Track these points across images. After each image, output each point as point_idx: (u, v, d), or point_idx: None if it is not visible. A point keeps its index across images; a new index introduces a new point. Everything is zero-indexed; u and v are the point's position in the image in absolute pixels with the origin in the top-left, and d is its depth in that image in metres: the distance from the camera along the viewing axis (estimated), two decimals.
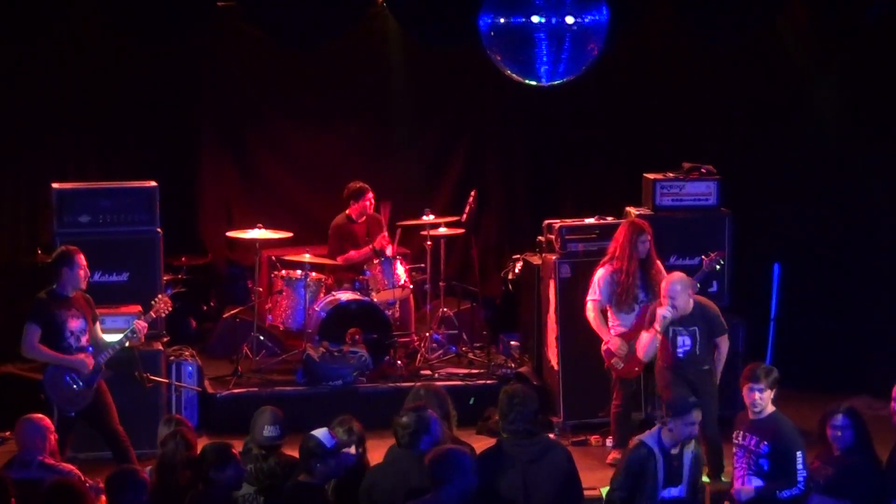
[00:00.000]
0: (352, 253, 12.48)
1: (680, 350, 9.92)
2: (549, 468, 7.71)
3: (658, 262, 10.79)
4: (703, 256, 10.63)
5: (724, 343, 10.04)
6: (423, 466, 7.31)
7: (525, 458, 7.67)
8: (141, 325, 9.77)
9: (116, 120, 13.17)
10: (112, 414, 9.63)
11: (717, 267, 10.59)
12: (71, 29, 12.66)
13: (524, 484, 7.63)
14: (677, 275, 10.01)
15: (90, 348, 9.58)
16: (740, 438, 8.56)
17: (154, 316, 9.95)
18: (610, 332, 10.63)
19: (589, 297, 10.74)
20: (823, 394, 11.30)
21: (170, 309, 10.10)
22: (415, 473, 7.43)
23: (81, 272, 9.61)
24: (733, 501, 8.48)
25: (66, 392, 9.49)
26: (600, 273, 10.72)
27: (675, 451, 8.10)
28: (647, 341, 10.03)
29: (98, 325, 9.80)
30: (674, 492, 8.10)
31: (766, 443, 8.40)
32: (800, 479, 8.28)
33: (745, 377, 8.57)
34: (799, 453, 8.31)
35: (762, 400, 8.48)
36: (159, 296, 10.04)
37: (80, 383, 9.47)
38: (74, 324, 9.53)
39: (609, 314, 10.70)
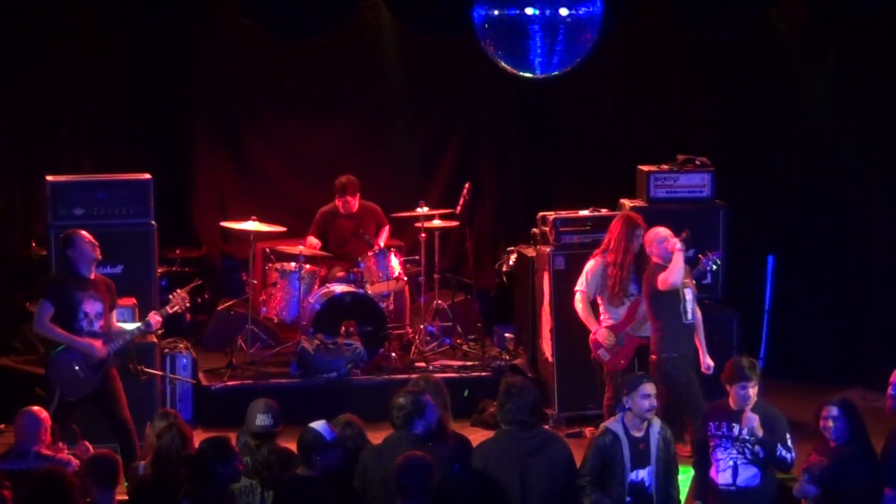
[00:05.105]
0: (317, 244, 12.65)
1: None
2: (548, 461, 7.71)
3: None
4: (700, 255, 10.54)
5: None
6: (416, 448, 7.36)
7: (524, 451, 7.68)
8: (156, 318, 9.68)
9: (110, 112, 13.14)
10: (121, 402, 9.53)
11: (714, 267, 10.52)
12: (65, 20, 12.66)
13: (522, 476, 7.64)
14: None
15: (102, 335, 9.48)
16: (724, 429, 8.52)
17: (170, 311, 9.83)
18: (598, 323, 10.65)
19: (577, 288, 10.74)
20: (817, 386, 11.34)
21: (188, 305, 10.00)
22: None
23: (87, 245, 9.48)
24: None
25: (70, 376, 9.38)
26: (591, 265, 10.72)
27: (639, 434, 8.12)
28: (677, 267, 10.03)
29: (114, 314, 9.71)
30: (642, 474, 8.11)
31: (759, 430, 8.42)
32: (794, 454, 8.34)
33: (735, 377, 8.35)
34: (787, 434, 8.36)
35: (756, 395, 8.46)
36: (177, 291, 9.93)
37: (87, 370, 9.38)
38: (90, 306, 9.40)
39: (600, 306, 10.71)
